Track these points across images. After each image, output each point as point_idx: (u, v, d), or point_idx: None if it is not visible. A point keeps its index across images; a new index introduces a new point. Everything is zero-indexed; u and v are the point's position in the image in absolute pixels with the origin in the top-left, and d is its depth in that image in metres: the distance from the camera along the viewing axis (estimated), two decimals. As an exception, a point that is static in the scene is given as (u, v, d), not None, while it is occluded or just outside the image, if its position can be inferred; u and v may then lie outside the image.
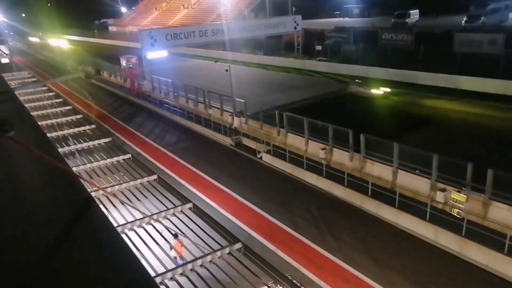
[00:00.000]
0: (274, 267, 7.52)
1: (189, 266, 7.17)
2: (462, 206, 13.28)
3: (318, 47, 38.66)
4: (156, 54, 33.84)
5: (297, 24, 40.97)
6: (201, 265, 7.26)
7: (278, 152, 19.38)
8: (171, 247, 7.80)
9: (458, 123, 21.79)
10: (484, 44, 30.31)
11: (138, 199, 9.66)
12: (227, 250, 7.61)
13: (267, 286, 6.89)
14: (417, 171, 14.73)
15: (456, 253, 12.03)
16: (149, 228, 8.38)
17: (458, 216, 13.10)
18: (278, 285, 7.02)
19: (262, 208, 15.28)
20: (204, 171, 18.86)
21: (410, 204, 13.68)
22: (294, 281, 7.69)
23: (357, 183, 15.44)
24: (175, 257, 7.67)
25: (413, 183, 14.83)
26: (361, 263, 11.90)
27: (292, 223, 14.19)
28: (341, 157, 17.49)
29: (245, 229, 13.99)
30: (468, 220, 12.36)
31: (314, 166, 17.24)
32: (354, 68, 33.40)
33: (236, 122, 23.72)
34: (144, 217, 8.51)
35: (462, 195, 13.35)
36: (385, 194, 14.44)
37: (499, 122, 21.47)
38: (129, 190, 10.09)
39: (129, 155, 12.17)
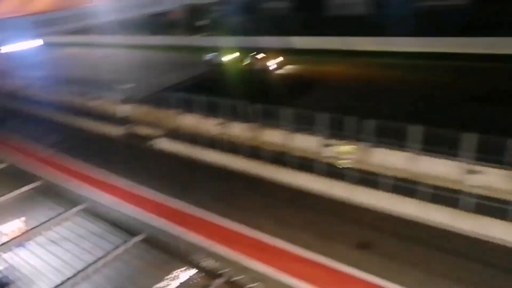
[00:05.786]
0: (181, 252, 7.47)
1: (92, 268, 6.84)
2: (349, 157, 14.58)
3: (203, 22, 38.05)
4: (19, 46, 29.92)
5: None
6: (104, 265, 6.99)
7: (174, 135, 18.90)
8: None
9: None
10: (356, 6, 32.19)
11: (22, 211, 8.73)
12: (130, 243, 7.41)
13: (175, 272, 6.85)
14: (309, 131, 15.67)
15: (346, 200, 13.22)
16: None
17: (347, 166, 14.29)
18: (187, 270, 7.03)
19: (164, 194, 14.86)
20: (96, 167, 17.57)
21: (306, 164, 14.55)
22: (201, 264, 7.72)
23: (256, 153, 15.89)
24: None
25: (305, 143, 15.79)
26: (267, 227, 12.34)
27: (196, 202, 14.06)
28: (237, 130, 17.79)
29: (149, 219, 13.42)
30: (358, 169, 13.61)
31: (212, 144, 17.26)
32: (241, 40, 33.70)
33: (125, 110, 22.41)
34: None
35: (348, 147, 14.63)
36: (282, 159, 15.13)
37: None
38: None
39: (4, 165, 10.79)
